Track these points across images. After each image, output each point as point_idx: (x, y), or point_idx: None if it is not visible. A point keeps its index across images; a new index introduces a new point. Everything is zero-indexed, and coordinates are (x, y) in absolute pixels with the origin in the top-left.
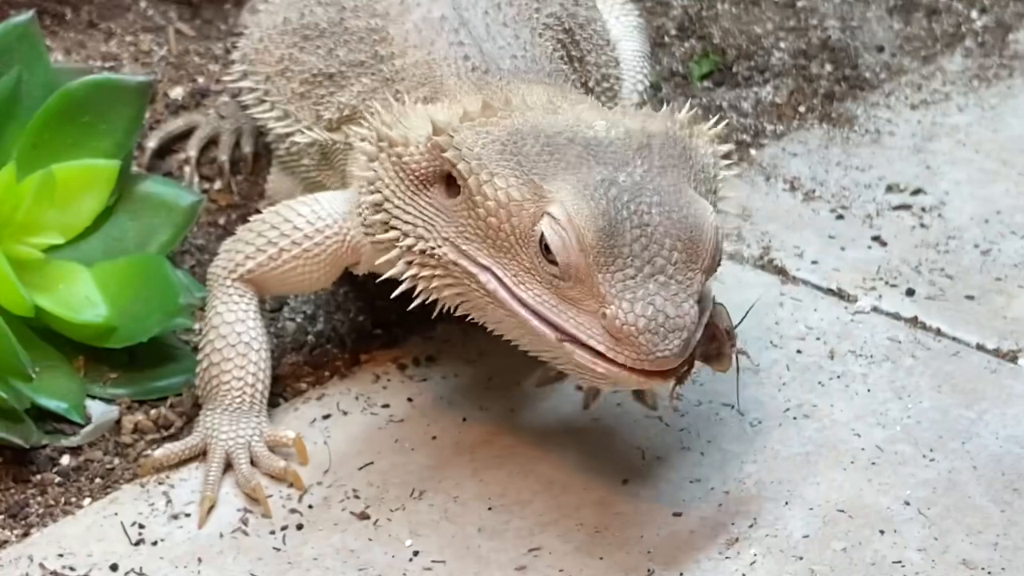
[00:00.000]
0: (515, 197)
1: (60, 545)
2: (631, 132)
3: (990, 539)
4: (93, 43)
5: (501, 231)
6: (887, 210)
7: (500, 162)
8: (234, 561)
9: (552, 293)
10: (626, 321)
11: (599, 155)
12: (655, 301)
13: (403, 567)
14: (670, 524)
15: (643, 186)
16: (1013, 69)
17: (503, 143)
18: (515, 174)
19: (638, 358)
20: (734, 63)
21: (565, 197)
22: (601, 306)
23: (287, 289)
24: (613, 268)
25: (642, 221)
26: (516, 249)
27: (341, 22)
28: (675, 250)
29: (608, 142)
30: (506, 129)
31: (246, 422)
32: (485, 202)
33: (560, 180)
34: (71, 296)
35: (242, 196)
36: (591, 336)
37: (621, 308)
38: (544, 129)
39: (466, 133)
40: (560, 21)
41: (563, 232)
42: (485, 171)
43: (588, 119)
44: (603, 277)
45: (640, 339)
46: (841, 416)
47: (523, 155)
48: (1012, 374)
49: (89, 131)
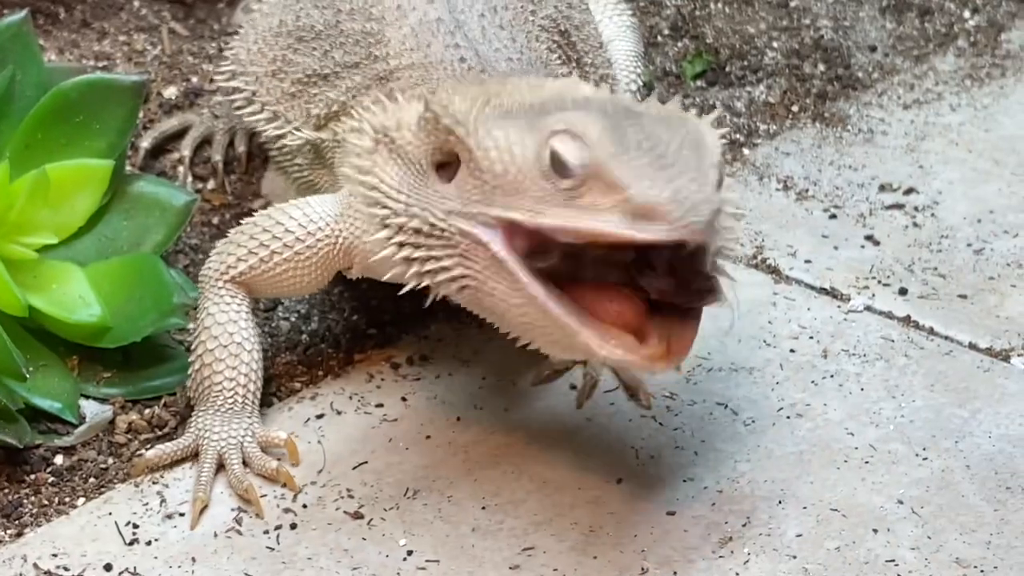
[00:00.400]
0: (515, 139)
1: (54, 545)
2: (618, 98)
3: (983, 538)
4: (86, 42)
5: (507, 174)
6: (880, 209)
7: (496, 119)
8: (228, 561)
9: (569, 208)
10: (650, 194)
11: (589, 105)
12: (676, 181)
13: (397, 566)
14: (664, 523)
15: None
16: (1005, 69)
17: (496, 106)
18: (514, 124)
19: (670, 227)
20: (727, 63)
21: (566, 116)
22: (622, 192)
23: (279, 292)
24: (626, 157)
25: (645, 130)
26: (525, 184)
27: (337, 24)
28: (684, 148)
29: (596, 98)
30: (498, 106)
31: (238, 423)
32: (488, 153)
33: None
34: (65, 296)
35: (236, 196)
36: (617, 225)
37: (643, 184)
38: (534, 101)
39: (460, 104)
40: (556, 23)
41: (571, 137)
42: (483, 128)
43: (573, 87)
44: (617, 164)
45: (669, 207)
46: (834, 415)
47: (518, 111)
48: (1005, 373)
49: (83, 131)
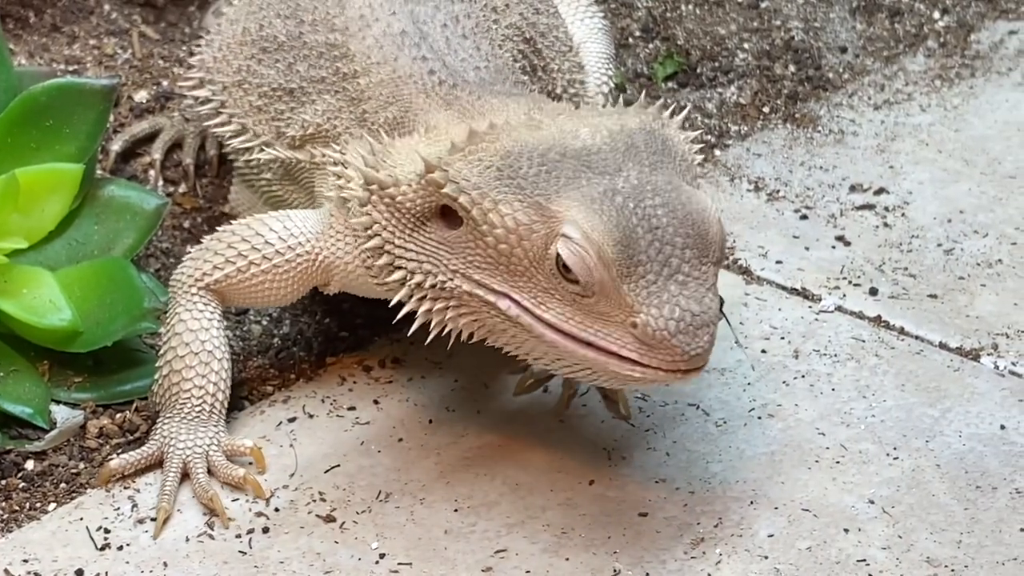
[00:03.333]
0: (523, 221)
1: (25, 551)
2: (614, 134)
3: (954, 537)
4: (56, 46)
5: (514, 256)
6: (851, 210)
7: (500, 188)
8: (200, 565)
9: (575, 309)
10: (658, 327)
11: (593, 164)
12: (680, 302)
13: (369, 569)
14: (636, 524)
15: (642, 189)
16: (975, 69)
17: (498, 168)
18: (518, 198)
19: (674, 360)
20: (698, 64)
21: (576, 215)
22: (629, 316)
23: (251, 302)
24: (635, 276)
25: (652, 225)
26: (532, 271)
27: (300, 36)
28: (687, 248)
29: (596, 149)
30: (498, 154)
31: (204, 431)
32: (493, 230)
33: (564, 197)
34: (35, 300)
35: (207, 199)
36: (623, 346)
37: (651, 315)
38: (534, 147)
39: (459, 165)
40: (520, 31)
41: (582, 251)
42: (488, 199)
43: (571, 129)
44: (627, 287)
45: (674, 342)
46: (806, 415)
47: (521, 177)
48: (975, 372)
49: (53, 135)
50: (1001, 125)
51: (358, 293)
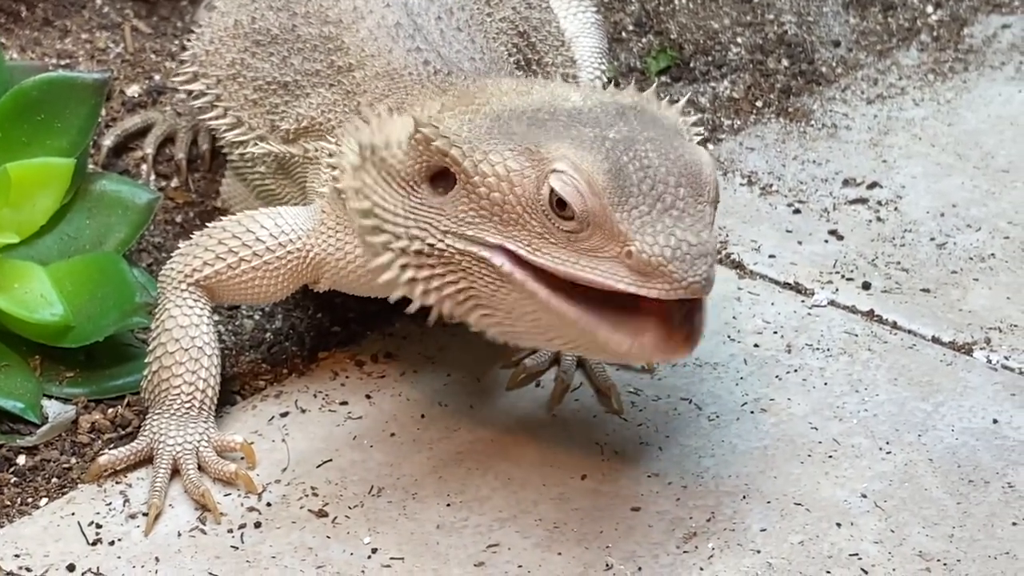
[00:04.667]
0: (514, 168)
1: (16, 546)
2: (605, 102)
3: (946, 531)
4: (48, 40)
5: (507, 204)
6: (843, 204)
7: (490, 140)
8: (192, 560)
9: (570, 250)
10: (653, 252)
11: (584, 120)
12: (675, 232)
13: (362, 564)
14: (628, 519)
15: (635, 138)
16: (968, 63)
17: (488, 125)
18: (509, 147)
19: (671, 288)
20: (691, 58)
21: (566, 152)
22: (624, 246)
23: (240, 299)
24: (628, 207)
25: (643, 164)
26: (525, 217)
27: (293, 29)
28: (680, 186)
29: (588, 109)
30: (488, 115)
31: (194, 427)
32: (485, 180)
33: (554, 143)
34: (27, 295)
35: (199, 194)
36: (619, 280)
37: (645, 241)
38: (524, 108)
39: (449, 122)
40: (514, 25)
41: (574, 180)
42: (479, 151)
43: (561, 94)
44: (620, 216)
45: (670, 267)
46: (798, 410)
47: (512, 131)
48: (967, 367)
49: (44, 129)
50: (994, 119)
51: (348, 291)
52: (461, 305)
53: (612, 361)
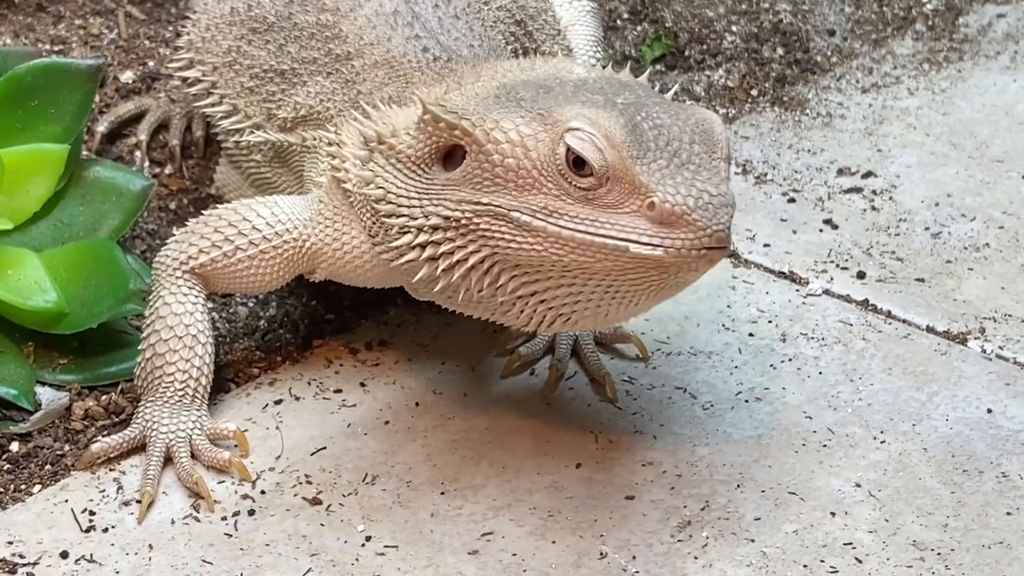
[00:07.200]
0: (527, 132)
1: (10, 532)
2: (608, 76)
3: (940, 520)
4: (42, 26)
5: (521, 169)
6: (838, 193)
7: (500, 110)
8: (186, 547)
9: (589, 209)
10: (676, 202)
11: (591, 89)
12: (696, 183)
13: (356, 552)
14: (623, 507)
15: (643, 102)
16: (963, 52)
17: (495, 97)
18: (519, 113)
19: (696, 237)
20: (686, 47)
21: (581, 111)
22: (645, 198)
23: (235, 287)
24: (646, 160)
25: (656, 123)
26: (541, 181)
27: (290, 16)
28: (694, 143)
29: (593, 80)
30: (494, 89)
31: (187, 415)
32: (499, 147)
33: (566, 106)
34: (20, 282)
35: (193, 181)
36: (641, 234)
37: (668, 191)
38: (530, 80)
39: (456, 99)
40: (511, 13)
41: (591, 136)
42: (489, 120)
43: (565, 67)
44: (640, 168)
45: (694, 216)
46: (793, 399)
47: (520, 99)
48: (962, 356)
49: (38, 115)
50: (989, 109)
51: (344, 281)
52: (487, 274)
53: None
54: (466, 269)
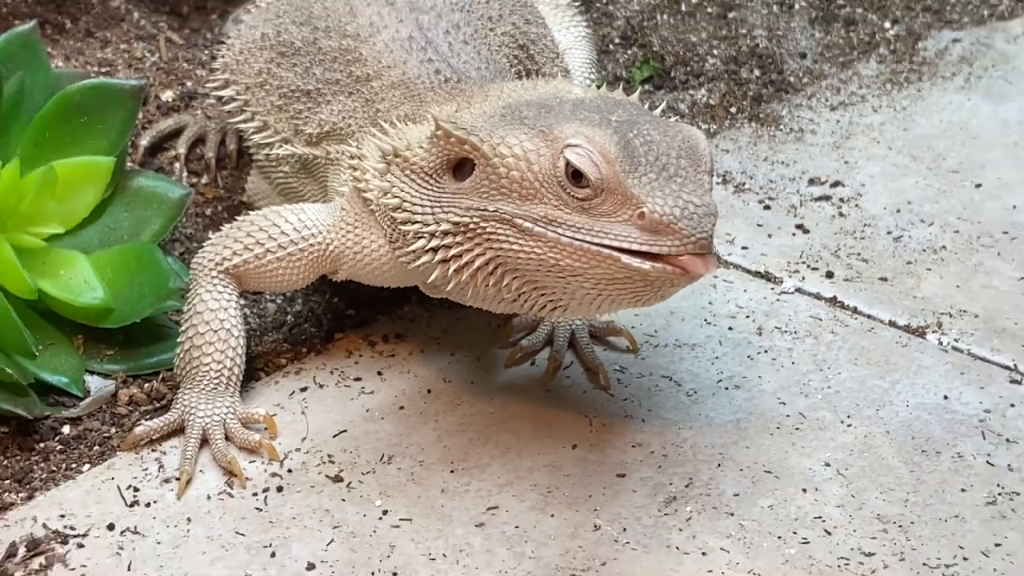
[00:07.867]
0: (530, 148)
1: (62, 507)
2: (603, 95)
3: (901, 496)
4: (90, 50)
5: (524, 181)
6: (809, 201)
7: (505, 127)
8: (220, 520)
9: (585, 218)
10: (663, 212)
11: (588, 107)
12: (682, 195)
13: (373, 525)
14: (614, 484)
15: (635, 120)
16: (922, 74)
17: (501, 115)
18: (523, 131)
19: (682, 244)
20: (672, 69)
21: (579, 129)
22: (636, 208)
23: (264, 286)
24: (637, 174)
25: (647, 139)
26: (542, 192)
27: (315, 42)
28: (681, 157)
29: (590, 100)
30: (499, 107)
31: (221, 401)
32: (504, 160)
33: (565, 123)
34: (71, 280)
35: (227, 190)
36: (632, 241)
37: (656, 202)
38: (532, 99)
39: (466, 117)
40: (514, 39)
41: (587, 151)
42: (495, 136)
43: (564, 88)
44: (631, 182)
45: (680, 225)
46: (768, 387)
47: (524, 117)
48: (921, 348)
49: (87, 130)
50: (945, 125)
51: (364, 281)
52: (492, 275)
53: (634, 299)
54: (474, 270)
